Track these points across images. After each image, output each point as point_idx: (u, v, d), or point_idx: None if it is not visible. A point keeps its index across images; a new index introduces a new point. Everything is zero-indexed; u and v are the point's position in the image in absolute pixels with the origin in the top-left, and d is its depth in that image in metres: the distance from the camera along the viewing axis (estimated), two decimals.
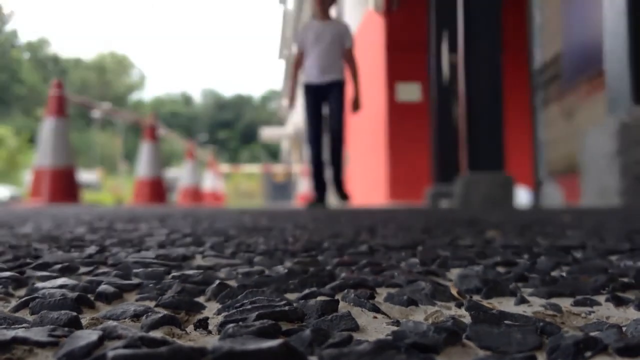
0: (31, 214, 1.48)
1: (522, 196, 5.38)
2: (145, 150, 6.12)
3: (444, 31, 5.71)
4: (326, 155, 5.15)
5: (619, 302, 0.31)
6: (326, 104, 5.10)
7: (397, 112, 8.84)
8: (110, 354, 0.22)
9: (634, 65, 2.22)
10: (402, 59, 8.81)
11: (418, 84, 8.60)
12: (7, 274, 0.42)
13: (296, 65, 5.19)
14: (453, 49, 5.30)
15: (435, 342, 0.24)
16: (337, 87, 5.11)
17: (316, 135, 5.14)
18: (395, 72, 8.91)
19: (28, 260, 0.51)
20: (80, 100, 5.49)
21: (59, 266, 0.46)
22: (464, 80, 4.35)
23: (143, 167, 6.08)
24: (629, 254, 0.49)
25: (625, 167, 2.19)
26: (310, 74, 5.08)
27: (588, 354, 0.23)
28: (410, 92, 8.78)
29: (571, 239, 0.64)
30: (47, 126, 4.37)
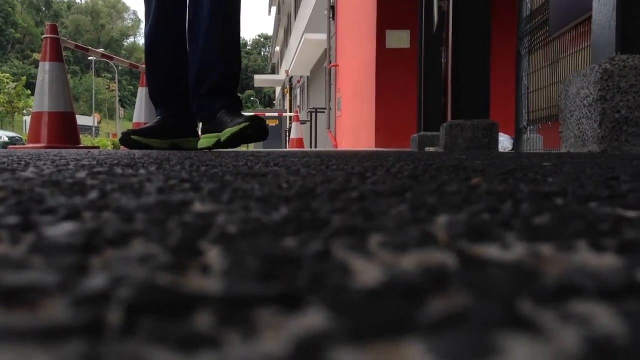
0: (31, 158, 1.48)
1: (504, 142, 5.40)
2: (141, 96, 6.07)
3: None
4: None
5: (598, 249, 0.32)
6: None
7: (385, 59, 8.76)
8: (121, 299, 0.23)
9: (621, 12, 2.18)
10: (392, 6, 8.66)
11: (407, 31, 8.50)
12: (13, 218, 0.42)
13: None
14: None
15: (423, 286, 0.25)
16: None
17: None
18: (385, 19, 8.77)
19: (32, 205, 0.50)
20: (75, 44, 5.39)
21: (63, 211, 0.46)
22: (452, 27, 4.28)
23: (140, 112, 6.05)
24: (608, 201, 0.50)
25: (605, 114, 2.18)
26: None
27: (567, 299, 0.24)
28: (400, 39, 8.67)
29: (552, 185, 0.65)
30: (44, 70, 4.32)
